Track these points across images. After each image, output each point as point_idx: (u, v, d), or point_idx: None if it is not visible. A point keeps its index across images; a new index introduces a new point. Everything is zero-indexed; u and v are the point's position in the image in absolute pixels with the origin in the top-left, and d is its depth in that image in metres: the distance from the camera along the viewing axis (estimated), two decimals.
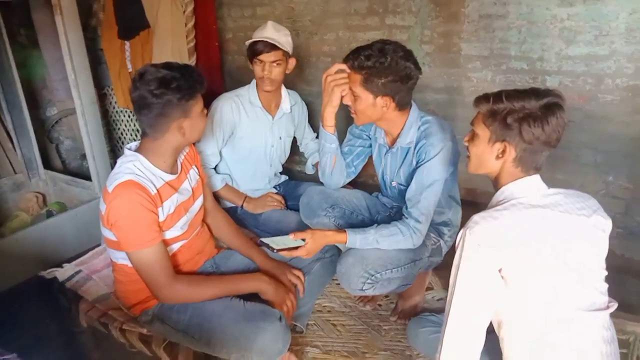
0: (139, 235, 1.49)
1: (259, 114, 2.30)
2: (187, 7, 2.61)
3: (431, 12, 2.32)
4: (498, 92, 1.25)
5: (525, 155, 1.21)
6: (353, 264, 1.68)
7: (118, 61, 2.90)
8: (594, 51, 2.02)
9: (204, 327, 1.54)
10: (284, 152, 2.49)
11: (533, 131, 1.17)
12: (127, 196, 1.46)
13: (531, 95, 1.19)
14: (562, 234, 1.16)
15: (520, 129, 1.18)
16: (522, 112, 1.18)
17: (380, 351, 1.79)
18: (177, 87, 1.45)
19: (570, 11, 2.01)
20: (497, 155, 1.24)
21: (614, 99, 2.04)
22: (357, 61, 1.62)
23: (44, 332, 2.12)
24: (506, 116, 1.19)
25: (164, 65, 1.50)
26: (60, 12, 2.48)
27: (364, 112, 1.71)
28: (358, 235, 1.69)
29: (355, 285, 1.68)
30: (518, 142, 1.20)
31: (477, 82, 2.32)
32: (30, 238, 2.57)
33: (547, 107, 1.17)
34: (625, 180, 2.14)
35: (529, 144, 1.19)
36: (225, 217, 1.98)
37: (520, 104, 1.18)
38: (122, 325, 1.74)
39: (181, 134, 1.54)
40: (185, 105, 1.50)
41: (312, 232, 1.71)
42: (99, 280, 1.92)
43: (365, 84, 1.63)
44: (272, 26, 2.12)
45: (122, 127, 3.35)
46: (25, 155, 3.21)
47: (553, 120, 1.17)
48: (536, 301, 1.14)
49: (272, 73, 2.14)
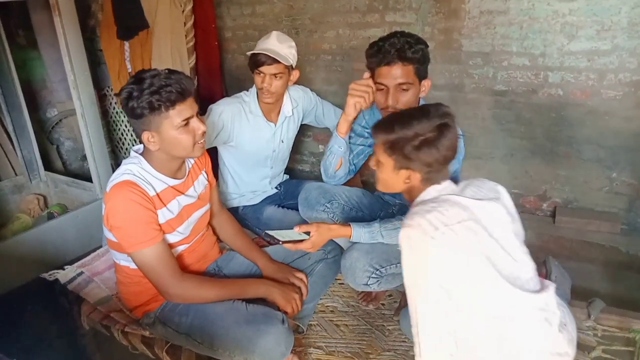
0: (138, 234, 1.48)
1: (260, 123, 2.26)
2: (186, 6, 2.60)
3: (432, 9, 2.30)
4: (389, 119, 1.33)
5: (430, 175, 1.28)
6: (358, 258, 1.67)
7: (117, 62, 2.89)
8: (596, 46, 2.01)
9: (206, 329, 1.53)
10: (287, 151, 2.47)
11: (431, 155, 1.24)
12: (123, 195, 1.47)
13: (421, 118, 1.26)
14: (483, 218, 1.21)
15: (419, 156, 1.25)
16: (417, 139, 1.24)
17: (384, 352, 1.78)
18: (137, 97, 1.41)
19: (571, 6, 2.00)
20: (404, 181, 1.32)
21: (617, 94, 2.02)
22: (404, 55, 1.62)
23: (45, 335, 2.12)
24: (403, 146, 1.26)
25: (151, 74, 1.44)
26: (59, 12, 2.46)
27: (413, 102, 1.71)
28: (363, 229, 1.69)
29: (360, 280, 1.67)
30: (421, 167, 1.27)
31: (479, 79, 2.30)
32: (31, 240, 2.56)
33: (439, 129, 1.24)
34: (629, 176, 2.13)
35: (430, 167, 1.26)
36: (229, 218, 1.98)
37: (412, 131, 1.25)
38: (124, 328, 1.73)
39: (153, 147, 1.50)
40: (149, 117, 1.44)
41: (318, 225, 1.69)
42: (100, 283, 1.91)
43: (418, 73, 1.68)
44: (277, 37, 2.07)
45: (122, 128, 3.34)
46: (25, 157, 3.20)
47: (445, 141, 1.24)
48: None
49: (272, 85, 2.09)
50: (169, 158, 1.57)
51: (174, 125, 1.47)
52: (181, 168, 1.66)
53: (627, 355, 1.65)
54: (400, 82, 1.63)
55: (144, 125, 1.46)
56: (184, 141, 1.51)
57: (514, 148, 2.34)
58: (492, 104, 2.32)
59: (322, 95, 2.72)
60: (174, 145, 1.51)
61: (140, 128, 1.47)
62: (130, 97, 1.42)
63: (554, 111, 2.18)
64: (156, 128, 1.46)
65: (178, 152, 1.55)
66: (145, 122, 1.45)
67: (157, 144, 1.49)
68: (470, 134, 2.37)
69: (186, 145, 1.52)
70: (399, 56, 1.60)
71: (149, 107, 1.41)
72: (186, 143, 1.51)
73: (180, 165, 1.65)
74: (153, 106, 1.42)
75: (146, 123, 1.45)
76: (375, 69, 1.66)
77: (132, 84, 1.43)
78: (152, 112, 1.43)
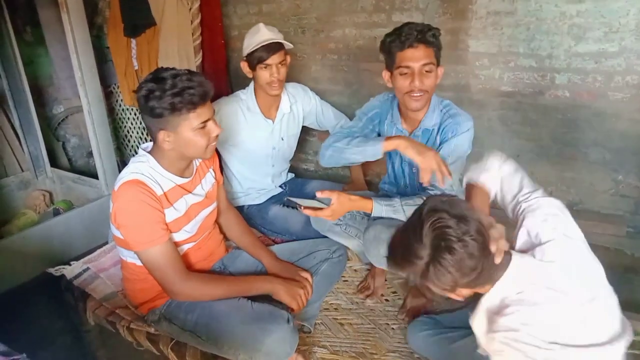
0: (145, 233, 1.49)
1: (258, 120, 2.27)
2: (193, 4, 2.60)
3: (438, 9, 2.30)
4: (389, 261, 1.16)
5: (475, 282, 1.07)
6: (381, 230, 1.67)
7: (124, 59, 2.90)
8: (604, 48, 2.00)
9: (211, 327, 1.54)
10: (288, 150, 2.48)
11: (451, 277, 1.03)
12: (131, 194, 1.47)
13: (413, 244, 1.05)
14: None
15: (448, 284, 1.05)
16: (425, 275, 1.04)
17: (389, 352, 1.78)
18: (158, 97, 1.41)
19: (579, 8, 1.99)
20: (463, 295, 1.14)
21: (624, 96, 2.01)
22: (425, 38, 1.64)
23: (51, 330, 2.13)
24: (423, 286, 1.08)
25: (172, 73, 1.44)
26: (67, 10, 2.48)
27: (433, 89, 1.73)
28: (384, 202, 1.70)
29: (383, 251, 1.64)
30: (461, 285, 1.07)
31: (485, 80, 2.30)
32: (37, 236, 2.58)
33: (434, 254, 1.02)
34: (635, 179, 2.12)
35: (466, 278, 1.04)
36: (236, 216, 1.98)
37: (411, 268, 1.06)
38: (129, 324, 1.74)
39: (167, 147, 1.51)
40: (168, 118, 1.44)
41: (339, 193, 1.70)
42: (106, 279, 1.92)
43: (437, 57, 1.69)
44: (266, 28, 2.09)
45: (128, 125, 3.35)
46: (32, 153, 3.22)
47: (449, 262, 1.01)
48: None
49: (280, 74, 2.11)
50: (179, 157, 1.57)
51: (192, 127, 1.48)
52: (189, 167, 1.67)
53: (632, 358, 1.64)
54: (425, 62, 1.65)
55: (161, 125, 1.47)
56: (199, 142, 1.52)
57: (520, 149, 2.34)
58: (498, 105, 2.31)
59: (328, 94, 2.72)
60: (189, 146, 1.52)
61: (157, 127, 1.48)
62: (150, 96, 1.41)
63: (560, 113, 2.17)
64: (173, 128, 1.47)
65: (191, 153, 1.56)
66: (163, 122, 1.46)
67: (172, 144, 1.50)
68: (476, 135, 2.34)
69: (200, 146, 1.53)
70: (422, 38, 1.63)
71: (170, 108, 1.42)
72: (201, 144, 1.52)
73: (189, 164, 1.66)
74: (175, 107, 1.42)
75: (163, 123, 1.46)
76: (397, 53, 1.67)
77: (151, 82, 1.43)
78: (172, 113, 1.43)
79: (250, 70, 2.15)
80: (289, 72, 2.24)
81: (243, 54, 2.15)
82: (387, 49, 1.70)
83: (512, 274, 1.10)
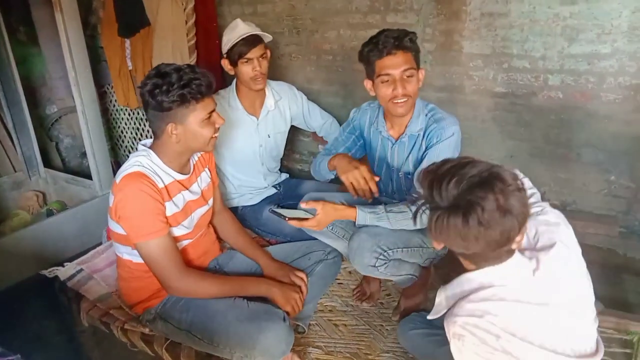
0: (147, 224, 1.50)
1: (240, 117, 2.27)
2: (188, 4, 2.60)
3: (433, 10, 2.31)
4: (426, 171, 1.09)
5: (466, 253, 1.07)
6: (366, 239, 1.68)
7: (118, 59, 2.90)
8: (596, 49, 2.01)
9: (207, 326, 1.54)
10: (276, 148, 2.47)
11: (453, 232, 1.00)
12: (134, 185, 1.48)
13: (452, 182, 0.99)
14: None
15: (442, 233, 1.03)
16: (434, 211, 1.03)
17: (383, 353, 1.78)
18: (166, 91, 1.44)
19: (572, 9, 2.00)
20: (440, 247, 1.12)
21: (616, 97, 2.03)
22: (403, 44, 1.64)
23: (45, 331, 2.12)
24: (429, 220, 1.05)
25: (174, 67, 1.48)
26: (60, 9, 2.47)
27: (416, 93, 1.73)
28: (367, 210, 1.71)
29: (368, 261, 1.67)
30: (450, 243, 1.06)
31: (479, 81, 2.31)
32: (30, 237, 2.56)
33: (460, 205, 0.98)
34: (628, 179, 2.14)
35: (464, 244, 1.02)
36: (231, 217, 1.99)
37: (432, 194, 1.02)
38: (123, 325, 1.74)
39: (174, 140, 1.53)
40: (176, 110, 1.48)
41: (324, 203, 1.72)
42: (100, 280, 1.92)
43: (416, 61, 1.69)
44: (243, 22, 2.11)
45: (122, 125, 3.34)
46: (25, 154, 3.20)
47: (465, 222, 0.97)
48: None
49: (262, 67, 2.12)
50: (182, 151, 1.59)
51: (200, 119, 1.52)
52: (187, 164, 1.69)
53: (624, 358, 1.66)
54: (405, 67, 1.64)
55: (169, 118, 1.49)
56: (205, 134, 1.56)
57: (513, 150, 2.35)
58: (492, 106, 2.32)
59: (323, 95, 2.73)
60: (195, 138, 1.55)
61: (165, 121, 1.50)
62: (157, 91, 1.44)
63: (553, 114, 2.19)
64: (181, 121, 1.50)
65: (196, 145, 1.59)
66: (172, 115, 1.49)
67: (179, 137, 1.53)
68: (470, 135, 2.37)
69: (206, 137, 1.57)
70: (399, 45, 1.63)
71: (180, 100, 1.45)
72: (207, 135, 1.56)
73: (187, 160, 1.68)
74: (185, 99, 1.46)
75: (172, 116, 1.49)
76: (376, 62, 1.67)
77: (155, 77, 1.45)
78: (181, 105, 1.47)
79: (232, 67, 2.16)
80: (284, 73, 2.24)
81: (223, 51, 2.16)
82: (366, 59, 1.70)
83: (506, 268, 1.08)
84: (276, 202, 2.45)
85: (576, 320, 1.11)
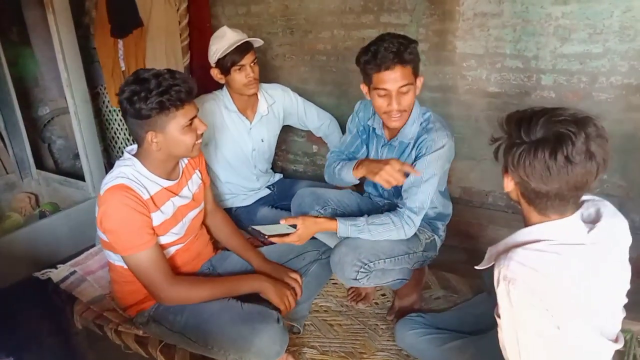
0: (131, 238, 1.48)
1: (235, 120, 2.27)
2: (181, 5, 2.59)
3: (426, 10, 2.31)
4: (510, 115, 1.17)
5: (537, 194, 1.09)
6: (346, 253, 1.68)
7: (111, 60, 2.88)
8: (588, 49, 2.03)
9: (200, 328, 1.53)
10: (268, 151, 2.47)
11: (537, 168, 1.05)
12: (117, 199, 1.45)
13: (541, 119, 1.08)
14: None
15: (521, 170, 1.08)
16: (517, 147, 1.11)
17: (378, 352, 1.78)
18: (144, 98, 1.39)
19: (564, 9, 2.01)
20: (510, 188, 1.18)
21: (608, 97, 2.04)
22: (402, 58, 1.59)
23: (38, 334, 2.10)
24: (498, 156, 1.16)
25: (153, 73, 1.43)
26: (52, 9, 2.45)
27: (412, 105, 1.71)
28: (349, 222, 1.70)
29: (349, 274, 1.68)
30: (527, 181, 1.09)
31: (472, 81, 2.32)
32: (22, 239, 2.54)
33: (548, 142, 1.04)
34: (619, 178, 2.15)
35: (541, 183, 1.06)
36: (224, 217, 1.98)
37: (519, 130, 1.12)
38: (117, 327, 1.73)
39: (155, 148, 1.49)
40: (155, 118, 1.43)
41: (304, 218, 1.71)
42: (93, 282, 1.91)
43: (415, 72, 1.66)
44: (231, 30, 2.10)
45: (115, 127, 3.32)
46: (17, 155, 3.18)
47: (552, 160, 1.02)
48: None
49: (255, 73, 2.13)
50: (165, 159, 1.56)
51: (180, 126, 1.47)
52: (175, 169, 1.66)
53: (617, 355, 1.66)
54: (402, 84, 1.61)
55: (149, 126, 1.45)
56: (187, 141, 1.51)
57: None
58: (485, 105, 2.33)
59: (317, 95, 2.73)
60: (177, 146, 1.51)
61: (144, 129, 1.46)
62: (135, 98, 1.39)
63: None
64: (161, 129, 1.46)
65: (179, 152, 1.55)
66: (151, 122, 1.44)
67: (160, 144, 1.49)
68: (463, 135, 2.38)
69: (188, 144, 1.52)
70: (398, 60, 1.58)
71: (159, 107, 1.40)
72: (189, 142, 1.52)
73: (175, 165, 1.65)
74: (164, 106, 1.41)
75: (151, 124, 1.44)
76: (374, 75, 1.63)
77: (133, 84, 1.41)
78: (160, 112, 1.42)
79: (223, 75, 2.14)
80: (277, 73, 2.24)
81: (211, 61, 2.14)
82: (363, 68, 1.67)
83: (564, 225, 1.08)
84: (270, 203, 2.45)
85: (613, 302, 1.12)
